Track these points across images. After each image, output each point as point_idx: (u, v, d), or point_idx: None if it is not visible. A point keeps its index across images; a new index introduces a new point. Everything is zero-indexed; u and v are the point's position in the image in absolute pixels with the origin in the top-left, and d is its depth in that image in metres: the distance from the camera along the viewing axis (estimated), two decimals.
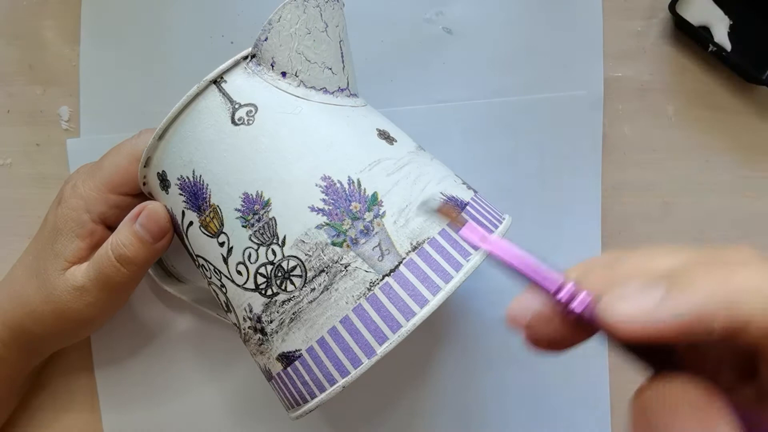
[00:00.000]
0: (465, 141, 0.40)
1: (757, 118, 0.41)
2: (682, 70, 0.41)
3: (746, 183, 0.41)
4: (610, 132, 0.41)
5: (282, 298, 0.27)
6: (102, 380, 0.40)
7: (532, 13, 0.40)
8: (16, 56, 0.41)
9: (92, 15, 0.40)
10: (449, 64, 0.40)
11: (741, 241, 0.41)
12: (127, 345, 0.40)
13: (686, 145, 0.41)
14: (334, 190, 0.27)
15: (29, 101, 0.41)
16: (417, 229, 0.27)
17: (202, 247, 0.30)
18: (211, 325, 0.40)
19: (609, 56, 0.41)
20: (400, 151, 0.30)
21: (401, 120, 0.34)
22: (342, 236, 0.27)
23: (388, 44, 0.40)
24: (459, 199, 0.29)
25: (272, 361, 0.29)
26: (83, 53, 0.40)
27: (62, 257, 0.33)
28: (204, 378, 0.40)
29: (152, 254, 0.32)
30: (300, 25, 0.28)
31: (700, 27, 0.40)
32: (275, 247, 0.27)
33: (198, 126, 0.28)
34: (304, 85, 0.29)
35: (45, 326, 0.33)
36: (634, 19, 0.41)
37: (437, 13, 0.40)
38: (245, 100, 0.28)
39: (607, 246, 0.40)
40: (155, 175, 0.30)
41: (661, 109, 0.41)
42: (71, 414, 0.40)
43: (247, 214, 0.28)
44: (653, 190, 0.41)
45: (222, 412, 0.40)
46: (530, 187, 0.40)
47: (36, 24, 0.41)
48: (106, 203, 0.33)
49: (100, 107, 0.40)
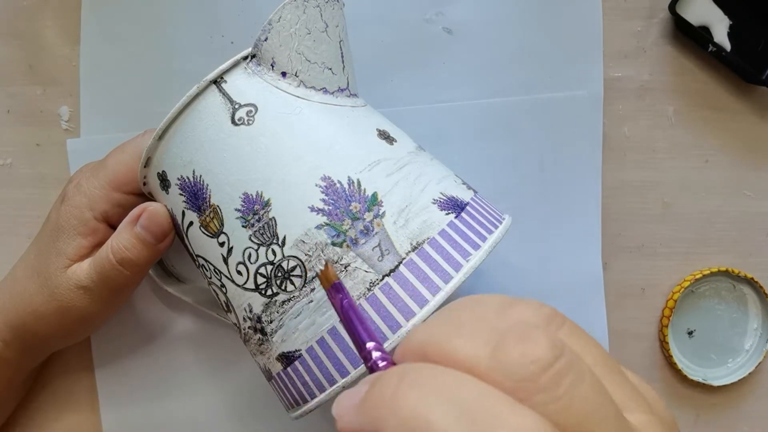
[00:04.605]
0: (465, 141, 0.40)
1: (757, 118, 0.41)
2: (682, 70, 0.41)
3: (746, 183, 0.41)
4: (610, 132, 0.41)
5: (282, 298, 0.27)
6: (102, 380, 0.40)
7: (533, 13, 0.40)
8: (16, 56, 0.41)
9: (92, 15, 0.40)
10: (449, 64, 0.40)
11: (741, 240, 0.41)
12: (127, 345, 0.40)
13: (686, 145, 0.41)
14: (334, 191, 0.27)
15: (29, 101, 0.41)
16: (417, 230, 0.27)
17: (202, 247, 0.30)
18: (211, 325, 0.40)
19: (609, 56, 0.41)
20: (400, 152, 0.30)
21: (401, 120, 0.34)
22: (342, 236, 0.27)
23: (388, 44, 0.40)
24: (459, 198, 0.29)
25: (272, 361, 0.29)
26: (83, 53, 0.40)
27: (64, 255, 0.33)
28: (204, 378, 0.40)
29: (154, 255, 0.32)
30: (300, 26, 0.28)
31: (700, 27, 0.40)
32: (275, 247, 0.27)
33: (198, 126, 0.28)
34: (304, 86, 0.29)
35: (47, 324, 0.33)
36: (634, 19, 0.41)
37: (437, 13, 0.40)
38: (245, 101, 0.28)
39: (607, 246, 0.40)
40: (155, 175, 0.30)
41: (661, 109, 0.41)
42: (71, 414, 0.40)
43: (247, 214, 0.28)
44: (653, 190, 0.41)
45: (222, 411, 0.40)
46: (530, 187, 0.40)
47: (36, 24, 0.41)
48: (109, 201, 0.33)
49: (100, 107, 0.40)
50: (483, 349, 0.15)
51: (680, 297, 0.40)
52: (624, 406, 0.15)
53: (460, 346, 0.15)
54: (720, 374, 0.41)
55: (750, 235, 0.42)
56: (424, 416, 0.13)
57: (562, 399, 0.14)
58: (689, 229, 0.41)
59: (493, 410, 0.13)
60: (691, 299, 0.41)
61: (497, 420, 0.13)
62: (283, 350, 0.28)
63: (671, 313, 0.40)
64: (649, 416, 0.15)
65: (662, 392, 0.41)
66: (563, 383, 0.14)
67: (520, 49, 0.40)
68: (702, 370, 0.41)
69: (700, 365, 0.41)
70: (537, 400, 0.14)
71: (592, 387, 0.14)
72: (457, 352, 0.15)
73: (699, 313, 0.41)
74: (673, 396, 0.41)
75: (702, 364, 0.41)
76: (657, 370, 0.41)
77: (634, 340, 0.41)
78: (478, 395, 0.14)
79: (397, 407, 0.14)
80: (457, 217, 0.28)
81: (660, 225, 0.41)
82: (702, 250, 0.41)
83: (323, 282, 0.20)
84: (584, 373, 0.14)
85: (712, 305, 0.41)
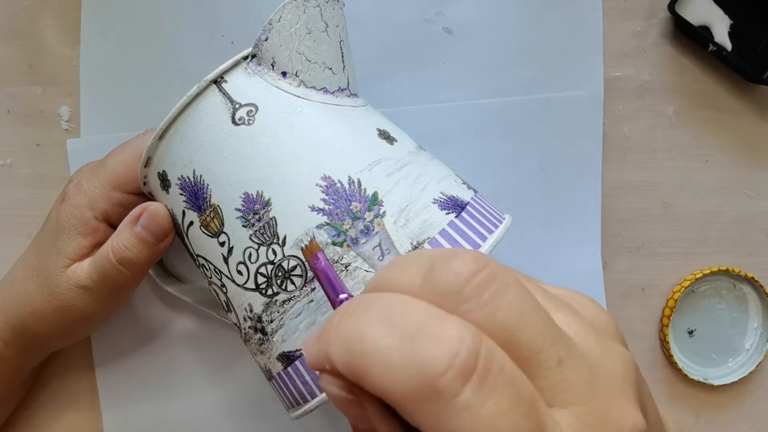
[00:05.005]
0: (465, 141, 0.40)
1: (757, 118, 0.41)
2: (682, 70, 0.41)
3: (746, 182, 0.41)
4: (610, 132, 0.41)
5: (282, 298, 0.27)
6: (102, 380, 0.40)
7: (533, 13, 0.40)
8: (16, 56, 0.41)
9: (92, 15, 0.40)
10: (449, 64, 0.40)
11: (741, 240, 0.41)
12: (128, 344, 0.40)
13: (686, 145, 0.41)
14: (335, 190, 0.27)
15: (29, 101, 0.41)
16: (417, 229, 0.27)
17: (202, 246, 0.30)
18: (211, 325, 0.40)
19: (609, 56, 0.41)
20: (401, 151, 0.30)
21: (401, 120, 0.34)
22: (342, 236, 0.27)
23: (388, 44, 0.40)
24: (459, 198, 0.29)
25: (272, 360, 0.29)
26: (83, 53, 0.40)
27: (64, 254, 0.33)
28: (204, 377, 0.40)
29: (155, 255, 0.32)
30: (300, 25, 0.28)
31: (700, 27, 0.40)
32: (276, 247, 0.27)
33: (198, 126, 0.28)
34: (304, 85, 0.29)
35: (47, 324, 0.33)
36: (634, 19, 0.41)
37: (437, 13, 0.40)
38: (246, 100, 0.28)
39: (607, 246, 0.40)
40: (156, 175, 0.30)
41: (661, 109, 0.41)
42: (71, 413, 0.40)
43: (248, 213, 0.28)
44: (653, 190, 0.41)
45: (222, 411, 0.40)
46: (530, 187, 0.40)
47: (36, 24, 0.41)
48: (109, 201, 0.33)
49: (100, 107, 0.40)
50: (417, 275, 0.16)
51: (680, 296, 0.40)
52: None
53: (399, 276, 0.17)
54: (720, 373, 0.41)
55: (750, 235, 0.42)
56: (359, 333, 0.15)
57: (487, 307, 0.15)
58: (689, 229, 0.41)
59: (419, 321, 0.15)
60: (691, 299, 0.41)
61: (422, 328, 0.15)
62: (284, 350, 0.28)
63: (671, 312, 0.40)
64: (572, 318, 0.17)
65: (663, 392, 0.41)
66: (486, 293, 0.15)
67: (520, 49, 0.40)
68: (702, 369, 0.41)
69: (700, 364, 0.41)
70: (463, 309, 0.15)
71: (517, 295, 0.15)
72: (396, 282, 0.17)
73: (699, 312, 0.41)
74: (674, 395, 0.41)
75: (702, 364, 0.41)
76: (657, 369, 0.41)
77: (634, 340, 0.41)
78: (406, 310, 0.15)
79: (339, 330, 0.16)
80: (458, 217, 0.28)
81: (660, 225, 0.41)
82: (702, 249, 0.41)
83: (306, 253, 0.23)
84: (508, 283, 0.15)
85: (712, 305, 0.41)
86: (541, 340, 0.15)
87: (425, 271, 0.16)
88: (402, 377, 0.14)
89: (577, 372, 0.15)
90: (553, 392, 0.15)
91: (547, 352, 0.15)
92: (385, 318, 0.15)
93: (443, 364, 0.14)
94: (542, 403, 0.15)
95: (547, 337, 0.15)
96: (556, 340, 0.15)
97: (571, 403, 0.15)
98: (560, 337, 0.15)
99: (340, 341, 0.16)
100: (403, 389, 0.14)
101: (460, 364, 0.14)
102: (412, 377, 0.14)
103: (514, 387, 0.14)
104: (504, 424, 0.14)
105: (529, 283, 0.18)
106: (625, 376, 0.16)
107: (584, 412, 0.15)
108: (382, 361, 0.15)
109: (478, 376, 0.14)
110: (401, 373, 0.14)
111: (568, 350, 0.15)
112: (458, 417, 0.14)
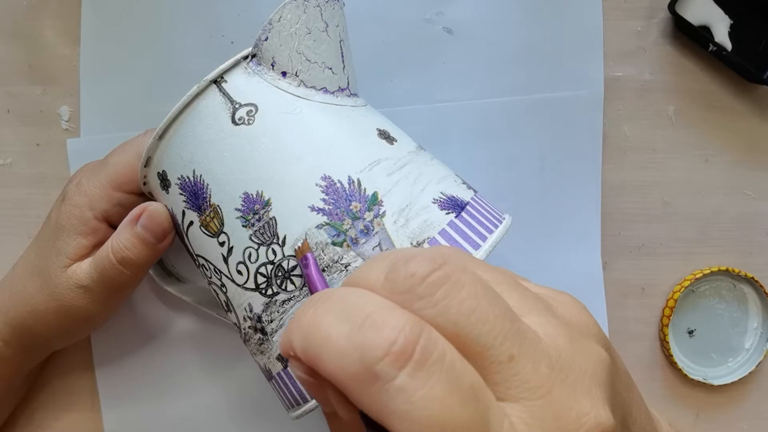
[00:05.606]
0: (465, 141, 0.40)
1: (757, 118, 0.41)
2: (682, 70, 0.41)
3: (746, 182, 0.41)
4: (610, 132, 0.41)
5: (282, 298, 0.27)
6: (102, 379, 0.40)
7: (533, 13, 0.40)
8: (16, 56, 0.41)
9: (92, 15, 0.40)
10: (449, 64, 0.40)
11: (741, 240, 0.41)
12: (128, 344, 0.40)
13: (686, 145, 0.41)
14: (335, 190, 0.27)
15: (29, 101, 0.41)
16: (417, 229, 0.27)
17: (202, 246, 0.30)
18: (211, 325, 0.40)
19: (609, 56, 0.41)
20: (400, 151, 0.30)
21: (401, 120, 0.34)
22: (342, 236, 0.27)
23: (388, 44, 0.40)
24: (459, 198, 0.29)
25: (272, 360, 0.29)
26: (83, 53, 0.40)
27: (64, 254, 0.33)
28: (204, 377, 0.40)
29: (155, 255, 0.32)
30: (300, 25, 0.28)
31: (700, 27, 0.40)
32: (275, 247, 0.27)
33: (198, 126, 0.28)
34: (304, 85, 0.29)
35: (47, 324, 0.33)
36: (634, 19, 0.41)
37: (437, 13, 0.40)
38: (245, 100, 0.28)
39: (607, 245, 0.40)
40: (155, 175, 0.30)
41: (661, 109, 0.41)
42: (71, 413, 0.40)
43: (248, 213, 0.28)
44: (653, 190, 0.41)
45: (222, 411, 0.40)
46: (530, 187, 0.40)
47: (36, 24, 0.41)
48: (110, 201, 0.33)
49: (100, 107, 0.40)
50: (382, 274, 0.17)
51: (680, 296, 0.40)
52: (520, 313, 0.17)
53: (365, 275, 0.18)
54: (720, 373, 0.41)
55: (750, 235, 0.42)
56: (316, 323, 0.16)
57: (438, 305, 0.16)
58: (689, 228, 0.41)
59: (370, 313, 0.16)
60: (691, 299, 0.41)
61: (369, 319, 0.16)
62: None
63: (671, 312, 0.40)
64: (546, 318, 0.17)
65: (663, 392, 0.41)
66: (439, 291, 0.16)
67: (520, 49, 0.40)
68: (702, 369, 0.41)
69: (700, 364, 0.41)
70: (416, 307, 0.16)
71: (471, 294, 0.16)
72: (363, 280, 0.18)
73: (699, 312, 0.41)
74: (674, 395, 0.41)
75: (702, 364, 0.41)
76: (657, 369, 0.41)
77: (634, 340, 0.41)
78: (360, 303, 0.16)
79: (300, 321, 0.17)
80: (458, 217, 0.28)
81: (660, 225, 0.41)
82: (702, 249, 0.41)
83: (297, 255, 0.25)
84: (462, 283, 0.16)
85: (712, 304, 0.41)
86: (492, 336, 0.16)
87: (388, 269, 0.17)
88: (346, 363, 0.15)
89: (532, 368, 0.16)
90: (504, 386, 0.16)
91: (498, 348, 0.16)
92: (340, 309, 0.16)
93: (382, 349, 0.15)
94: (489, 395, 0.15)
95: (498, 334, 0.16)
96: (509, 336, 0.16)
97: (522, 398, 0.16)
98: (516, 335, 0.16)
99: (299, 329, 0.17)
100: (348, 373, 0.15)
101: (396, 350, 0.15)
102: (355, 362, 0.15)
103: (454, 375, 0.15)
104: (437, 409, 0.15)
105: (513, 282, 0.18)
106: (595, 375, 0.17)
107: (537, 406, 0.15)
108: (331, 348, 0.16)
109: (414, 362, 0.15)
110: (346, 359, 0.15)
111: (522, 347, 0.16)
112: (394, 400, 0.15)
